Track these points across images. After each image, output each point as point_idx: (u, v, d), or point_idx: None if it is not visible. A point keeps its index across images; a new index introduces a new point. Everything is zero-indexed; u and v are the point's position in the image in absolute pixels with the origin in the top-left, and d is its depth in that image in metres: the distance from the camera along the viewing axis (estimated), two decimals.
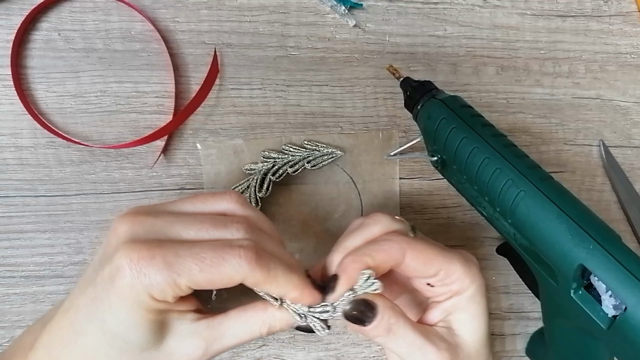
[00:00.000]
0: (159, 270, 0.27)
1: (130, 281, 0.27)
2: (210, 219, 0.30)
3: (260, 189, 0.41)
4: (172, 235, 0.29)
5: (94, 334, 0.28)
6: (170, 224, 0.29)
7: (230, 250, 0.28)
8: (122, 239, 0.28)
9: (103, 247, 0.30)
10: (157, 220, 0.29)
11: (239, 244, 0.28)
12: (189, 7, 0.42)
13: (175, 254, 0.27)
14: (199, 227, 0.29)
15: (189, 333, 0.30)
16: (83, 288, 0.29)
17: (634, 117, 0.46)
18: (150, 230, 0.29)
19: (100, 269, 0.28)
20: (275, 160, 0.42)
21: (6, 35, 0.40)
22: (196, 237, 0.29)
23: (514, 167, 0.31)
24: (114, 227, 0.29)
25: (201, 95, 0.41)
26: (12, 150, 0.41)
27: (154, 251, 0.27)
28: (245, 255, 0.28)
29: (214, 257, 0.27)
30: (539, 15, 0.45)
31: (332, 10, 0.43)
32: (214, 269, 0.27)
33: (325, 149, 0.42)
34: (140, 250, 0.27)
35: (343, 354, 0.44)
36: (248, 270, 0.28)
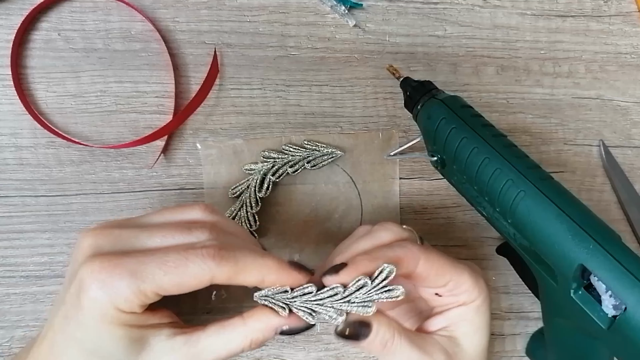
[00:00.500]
0: (121, 279, 0.26)
1: (94, 295, 0.26)
2: (175, 225, 0.29)
3: (260, 189, 0.41)
4: (137, 246, 0.28)
5: (72, 353, 0.28)
6: (135, 235, 0.29)
7: (192, 251, 0.27)
8: (86, 253, 0.28)
9: (70, 266, 0.29)
10: (122, 232, 0.29)
11: (201, 245, 0.28)
12: (189, 7, 0.42)
13: (138, 261, 0.27)
14: (164, 234, 0.29)
15: (166, 350, 0.29)
16: (57, 308, 0.29)
17: (634, 117, 0.46)
18: (115, 243, 0.28)
19: (68, 285, 0.28)
20: (275, 160, 0.42)
21: (6, 35, 0.40)
22: (161, 244, 0.28)
23: (514, 167, 0.31)
24: (78, 242, 0.29)
25: (201, 95, 0.41)
26: (12, 150, 0.41)
27: (116, 261, 0.27)
28: (207, 253, 0.27)
29: (177, 258, 0.27)
30: (539, 15, 0.45)
31: (332, 10, 0.43)
32: (179, 270, 0.27)
33: (325, 149, 0.42)
34: (101, 261, 0.27)
35: (343, 354, 0.44)
36: (214, 267, 0.27)
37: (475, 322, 0.34)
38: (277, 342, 0.43)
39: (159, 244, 0.29)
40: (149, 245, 0.29)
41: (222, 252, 0.28)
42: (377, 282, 0.29)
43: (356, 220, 0.44)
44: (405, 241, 0.33)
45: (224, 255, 0.28)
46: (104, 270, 0.27)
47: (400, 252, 0.31)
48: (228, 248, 0.28)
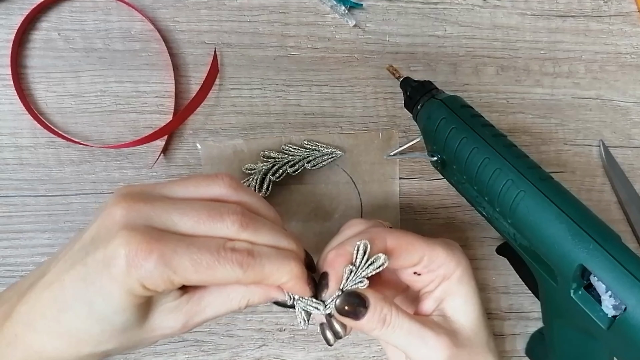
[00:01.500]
0: (156, 266, 0.27)
1: (125, 270, 0.27)
2: (207, 209, 0.29)
3: (260, 189, 0.41)
4: (168, 224, 0.29)
5: (79, 312, 0.28)
6: (166, 212, 0.29)
7: (225, 255, 0.28)
8: (119, 224, 0.28)
9: (96, 227, 0.29)
10: (154, 207, 0.29)
11: (232, 247, 0.29)
12: (189, 7, 0.42)
13: (173, 251, 0.27)
14: (196, 219, 0.29)
15: (171, 309, 0.30)
16: (70, 264, 0.29)
17: (634, 117, 0.46)
18: (148, 218, 0.28)
19: (93, 250, 0.28)
20: (275, 160, 0.42)
21: (6, 35, 0.40)
22: (192, 230, 0.29)
23: (514, 167, 0.31)
24: (110, 210, 0.28)
25: (201, 95, 0.41)
26: (12, 150, 0.41)
27: (153, 245, 0.27)
28: (238, 261, 0.28)
29: (209, 260, 0.28)
30: (539, 15, 0.45)
31: (332, 10, 0.43)
32: (209, 272, 0.28)
33: (325, 149, 0.42)
34: (139, 242, 0.27)
35: (343, 354, 0.44)
36: (241, 274, 0.28)
37: (461, 293, 0.34)
38: (277, 342, 0.43)
39: (190, 228, 0.29)
40: (180, 227, 0.29)
41: (250, 261, 0.29)
42: (360, 261, 0.31)
43: None
44: (370, 227, 0.34)
45: (252, 264, 0.29)
46: (140, 253, 0.27)
47: (366, 235, 0.32)
48: (256, 258, 0.29)
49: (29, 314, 0.29)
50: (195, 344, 0.42)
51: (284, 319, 0.43)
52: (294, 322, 0.43)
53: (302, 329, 0.33)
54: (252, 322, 0.43)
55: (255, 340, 0.43)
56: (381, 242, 0.32)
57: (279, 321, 0.43)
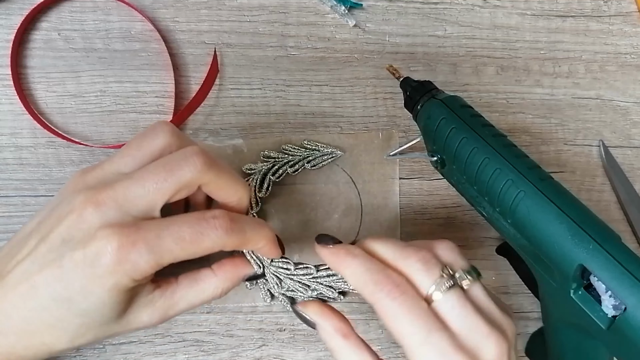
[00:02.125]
0: (142, 255, 0.27)
1: (113, 267, 0.27)
2: (161, 165, 0.29)
3: (260, 189, 0.41)
4: (136, 202, 0.28)
5: (55, 312, 0.28)
6: (128, 190, 0.28)
7: (206, 224, 0.29)
8: (93, 223, 0.28)
9: (65, 227, 0.28)
10: (116, 192, 0.28)
11: (212, 215, 0.29)
12: (189, 7, 0.42)
13: (156, 236, 0.28)
14: (156, 180, 0.28)
15: (145, 304, 0.31)
16: (40, 265, 0.28)
17: (634, 117, 0.46)
18: (117, 207, 0.28)
19: (69, 251, 0.28)
20: (275, 160, 0.42)
21: (6, 35, 0.40)
22: (160, 194, 0.29)
23: (514, 167, 0.31)
24: (76, 208, 0.28)
25: (201, 95, 0.41)
26: (12, 150, 0.41)
27: (135, 236, 0.27)
28: (221, 226, 0.29)
29: (192, 234, 0.28)
30: (539, 15, 0.45)
31: (332, 10, 0.43)
32: (195, 244, 0.28)
33: (325, 148, 0.42)
34: (119, 237, 0.27)
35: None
36: (226, 239, 0.29)
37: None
38: (277, 342, 0.43)
39: (157, 193, 0.29)
40: (149, 198, 0.29)
41: (233, 225, 0.29)
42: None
43: (356, 220, 0.44)
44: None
45: (234, 228, 0.29)
46: (124, 248, 0.27)
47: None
48: (236, 221, 0.30)
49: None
50: (195, 344, 0.42)
51: (284, 319, 0.43)
52: (294, 322, 0.43)
53: (268, 304, 0.40)
54: (252, 322, 0.43)
55: (255, 340, 0.43)
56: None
57: (279, 321, 0.43)
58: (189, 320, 0.42)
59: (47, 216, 0.30)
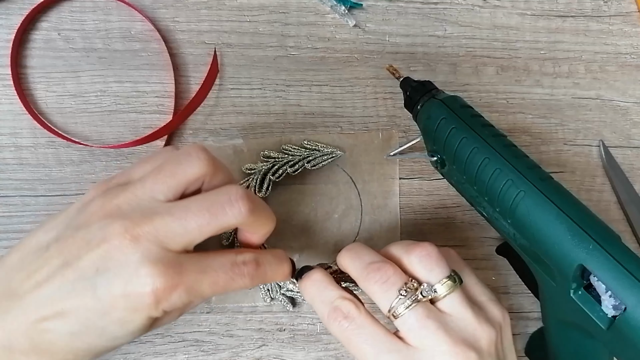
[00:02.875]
0: (180, 297, 0.28)
1: (153, 305, 0.27)
2: (206, 209, 0.28)
3: (260, 189, 0.41)
4: (176, 240, 0.28)
5: (85, 338, 0.28)
6: (168, 227, 0.28)
7: (238, 271, 0.30)
8: (134, 259, 0.27)
9: (99, 256, 0.27)
10: (156, 226, 0.27)
11: (242, 262, 0.30)
12: (189, 7, 0.42)
13: (195, 281, 0.28)
14: (199, 223, 0.28)
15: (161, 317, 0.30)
16: (70, 293, 0.27)
17: (633, 117, 0.46)
18: (159, 244, 0.27)
19: (106, 283, 0.27)
20: (275, 160, 0.42)
21: (6, 35, 0.40)
22: (200, 236, 0.29)
23: (514, 167, 0.31)
24: (112, 238, 0.27)
25: (201, 95, 0.41)
26: (12, 150, 0.41)
27: (177, 279, 0.27)
28: (249, 274, 0.30)
29: (225, 279, 0.29)
30: (539, 15, 0.45)
31: (332, 10, 0.43)
32: (225, 288, 0.30)
33: (325, 148, 0.42)
34: (164, 279, 0.27)
35: (342, 354, 0.44)
36: (249, 284, 0.30)
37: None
38: (277, 342, 0.43)
39: (197, 236, 0.29)
40: (188, 238, 0.28)
41: (257, 272, 0.31)
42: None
43: (356, 220, 0.44)
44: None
45: (260, 273, 0.31)
46: (167, 289, 0.27)
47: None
48: (261, 264, 0.31)
49: (9, 339, 0.28)
50: (195, 344, 0.42)
51: (284, 319, 0.43)
52: (294, 322, 0.43)
53: (268, 304, 0.41)
54: (252, 322, 0.43)
55: (255, 340, 0.43)
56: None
57: (279, 321, 0.43)
58: (189, 320, 0.42)
59: (71, 237, 0.28)
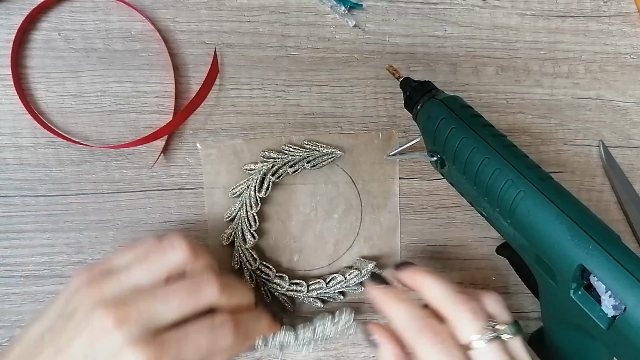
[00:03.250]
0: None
1: None
2: (185, 289, 0.32)
3: (260, 189, 0.41)
4: (159, 319, 0.31)
5: None
6: (153, 309, 0.31)
7: (218, 332, 0.32)
8: (118, 341, 0.29)
9: (87, 342, 0.30)
10: (139, 310, 0.30)
11: (220, 322, 0.33)
12: (189, 7, 0.42)
13: (177, 347, 0.31)
14: (178, 302, 0.32)
15: None
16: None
17: (633, 117, 0.46)
18: (140, 324, 0.30)
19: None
20: (275, 160, 0.42)
21: (6, 35, 0.40)
22: (180, 314, 0.32)
23: (514, 167, 0.31)
24: (101, 326, 0.30)
25: (201, 95, 0.41)
26: (12, 149, 0.41)
27: (159, 351, 0.30)
28: (230, 331, 0.33)
29: (207, 342, 0.32)
30: (538, 15, 0.45)
31: (332, 10, 0.43)
32: (210, 349, 0.32)
33: (325, 149, 0.42)
34: (147, 354, 0.29)
35: (343, 354, 0.44)
36: (234, 341, 0.33)
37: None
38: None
39: (177, 313, 0.32)
40: (170, 316, 0.31)
41: (238, 327, 0.34)
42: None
43: (356, 220, 0.44)
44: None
45: (240, 329, 0.34)
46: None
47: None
48: (240, 326, 0.34)
49: None
50: None
51: (284, 319, 0.43)
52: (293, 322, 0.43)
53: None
54: None
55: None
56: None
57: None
58: None
59: (62, 326, 0.31)
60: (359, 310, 0.44)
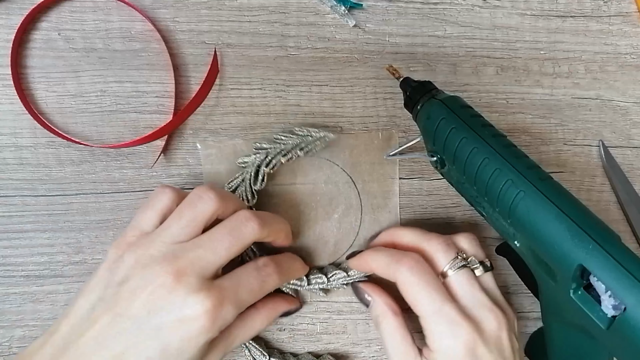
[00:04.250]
0: (229, 311, 0.32)
1: (208, 326, 0.31)
2: (227, 233, 0.34)
3: (255, 182, 0.41)
4: (210, 268, 0.32)
5: None
6: (203, 259, 0.32)
7: (264, 273, 0.35)
8: (180, 293, 0.31)
9: (145, 300, 0.31)
10: (192, 261, 0.32)
11: (264, 264, 0.36)
12: (189, 7, 0.42)
13: (236, 293, 0.33)
14: (226, 247, 0.33)
15: (212, 348, 0.34)
16: (131, 340, 0.31)
17: (633, 117, 0.46)
18: (197, 275, 0.32)
19: (159, 321, 0.31)
20: (267, 151, 0.41)
21: (6, 34, 0.40)
22: (228, 257, 0.33)
23: (514, 167, 0.31)
24: (161, 283, 0.31)
25: (201, 95, 0.41)
26: (12, 149, 0.41)
27: (220, 297, 0.32)
28: (275, 271, 0.36)
29: (258, 284, 0.35)
30: (538, 15, 0.45)
31: (332, 10, 0.43)
32: (261, 291, 0.35)
33: (317, 133, 0.41)
34: (210, 300, 0.31)
35: (342, 354, 0.44)
36: (279, 281, 0.37)
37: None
38: (277, 342, 0.43)
39: (226, 257, 0.33)
40: (220, 262, 0.33)
41: (280, 268, 0.37)
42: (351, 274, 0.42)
43: (356, 220, 0.44)
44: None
45: (282, 270, 0.37)
46: (215, 309, 0.32)
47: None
48: (281, 263, 0.38)
49: None
50: None
51: (284, 319, 0.43)
52: (294, 322, 0.43)
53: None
54: None
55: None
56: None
57: (279, 321, 0.43)
58: None
59: (114, 293, 0.32)
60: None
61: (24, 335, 0.41)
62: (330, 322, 0.44)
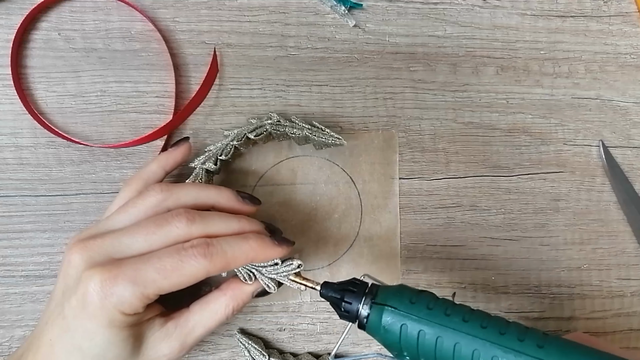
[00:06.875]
0: (125, 288, 0.29)
1: (100, 303, 0.29)
2: (152, 222, 0.31)
3: (222, 153, 0.39)
4: (124, 250, 0.31)
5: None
6: (117, 240, 0.31)
7: (185, 253, 0.30)
8: (79, 267, 0.30)
9: (62, 281, 0.31)
10: (104, 240, 0.31)
11: (190, 245, 0.30)
12: (189, 7, 0.42)
13: (135, 269, 0.29)
14: (145, 233, 0.31)
15: (161, 337, 0.32)
16: (51, 324, 0.31)
17: (633, 117, 0.46)
18: (103, 253, 0.30)
19: (66, 300, 0.30)
20: (278, 124, 0.40)
21: (6, 34, 0.40)
22: (147, 245, 0.31)
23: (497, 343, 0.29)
24: (67, 260, 0.31)
25: (201, 95, 0.41)
26: (12, 149, 0.41)
27: (115, 271, 0.29)
28: (199, 253, 0.30)
29: (172, 263, 0.30)
30: (538, 15, 0.45)
31: (332, 10, 0.43)
32: (176, 273, 0.30)
33: (333, 136, 0.39)
34: (101, 273, 0.29)
35: (342, 354, 0.44)
36: (207, 264, 0.30)
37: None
38: (277, 342, 0.43)
39: (144, 244, 0.31)
40: (136, 247, 0.31)
41: (211, 249, 0.30)
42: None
43: (356, 220, 0.44)
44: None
45: (213, 251, 0.30)
46: (106, 282, 0.29)
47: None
48: (214, 245, 0.31)
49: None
50: None
51: (284, 318, 0.43)
52: (294, 322, 0.43)
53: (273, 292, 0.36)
54: (252, 322, 0.43)
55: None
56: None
57: (279, 321, 0.43)
58: None
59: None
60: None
61: (24, 335, 0.41)
62: (330, 322, 0.44)
